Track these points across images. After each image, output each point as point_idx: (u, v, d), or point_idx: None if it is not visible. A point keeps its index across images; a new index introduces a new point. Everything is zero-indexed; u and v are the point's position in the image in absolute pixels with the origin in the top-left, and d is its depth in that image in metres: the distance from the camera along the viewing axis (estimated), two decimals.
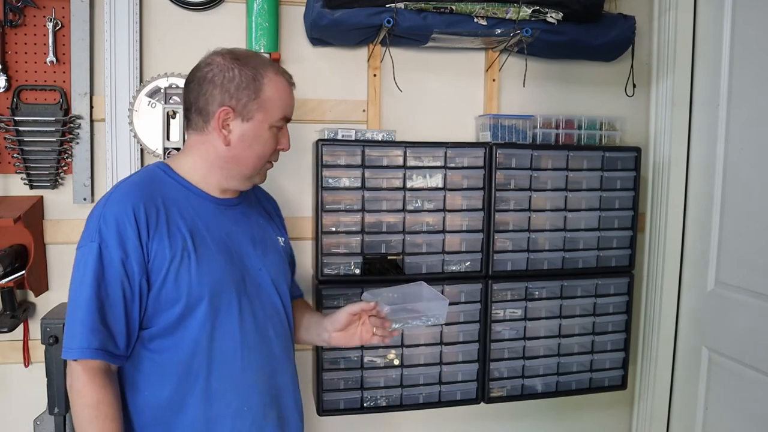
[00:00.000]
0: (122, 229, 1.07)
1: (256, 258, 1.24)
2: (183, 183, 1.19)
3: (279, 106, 1.18)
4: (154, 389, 1.13)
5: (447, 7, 1.74)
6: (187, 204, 1.16)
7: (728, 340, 1.88)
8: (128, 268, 1.07)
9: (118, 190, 1.13)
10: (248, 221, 1.28)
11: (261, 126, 1.17)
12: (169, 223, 1.11)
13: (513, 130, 1.91)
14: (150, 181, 1.16)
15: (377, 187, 1.74)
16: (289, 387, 1.28)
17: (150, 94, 1.72)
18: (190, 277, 1.10)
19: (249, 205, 1.31)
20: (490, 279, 1.84)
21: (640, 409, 2.20)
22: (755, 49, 1.79)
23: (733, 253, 1.87)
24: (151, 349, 1.13)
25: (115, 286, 1.06)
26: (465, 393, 1.87)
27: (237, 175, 1.21)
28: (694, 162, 2.05)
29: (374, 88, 1.89)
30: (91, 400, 1.04)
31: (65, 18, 1.68)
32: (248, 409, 1.17)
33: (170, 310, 1.11)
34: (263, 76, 1.17)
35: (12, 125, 1.65)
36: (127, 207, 1.08)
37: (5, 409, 1.76)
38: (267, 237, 1.31)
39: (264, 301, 1.23)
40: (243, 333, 1.17)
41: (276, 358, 1.24)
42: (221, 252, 1.17)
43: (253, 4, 1.72)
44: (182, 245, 1.11)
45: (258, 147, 1.18)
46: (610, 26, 1.90)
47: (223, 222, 1.21)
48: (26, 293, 1.75)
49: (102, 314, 1.05)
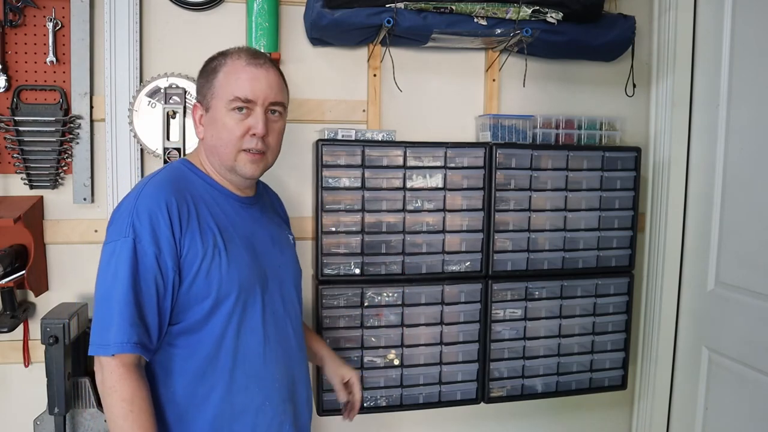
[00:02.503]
0: (155, 224, 1.07)
1: (276, 255, 1.27)
2: (208, 181, 1.21)
3: (230, 86, 1.15)
4: (178, 385, 1.14)
5: (447, 7, 1.74)
6: (213, 201, 1.18)
7: (728, 340, 1.88)
8: (162, 263, 1.07)
9: (150, 186, 1.13)
10: (266, 219, 1.31)
11: (218, 111, 1.16)
12: (200, 220, 1.13)
13: (513, 130, 1.91)
14: (178, 178, 1.18)
15: (377, 187, 1.74)
16: (303, 382, 1.31)
17: (150, 94, 1.72)
18: (221, 273, 1.12)
19: (263, 204, 1.34)
20: (490, 279, 1.84)
21: (640, 409, 2.20)
22: (755, 49, 1.79)
23: (733, 253, 1.87)
24: (177, 345, 1.13)
25: (149, 281, 1.06)
26: (465, 393, 1.87)
27: (220, 167, 1.21)
28: (694, 162, 2.05)
29: (374, 88, 1.89)
30: (126, 395, 1.04)
31: (65, 18, 1.68)
32: (270, 404, 1.19)
33: (199, 306, 1.11)
34: (221, 64, 1.18)
35: (12, 125, 1.65)
36: (160, 202, 1.09)
37: (5, 409, 1.76)
38: (282, 235, 1.35)
39: (284, 297, 1.27)
40: (265, 327, 1.19)
41: (293, 353, 1.27)
42: (247, 249, 1.19)
43: (253, 4, 1.72)
44: (213, 242, 1.13)
45: (221, 132, 1.16)
46: (610, 26, 1.90)
47: (246, 220, 1.23)
48: (26, 293, 1.75)
49: (139, 309, 1.05)
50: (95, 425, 1.65)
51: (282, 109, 1.21)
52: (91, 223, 1.75)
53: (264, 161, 1.20)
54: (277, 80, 1.20)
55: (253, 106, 1.16)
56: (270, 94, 1.16)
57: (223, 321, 1.13)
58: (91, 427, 1.65)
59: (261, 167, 1.20)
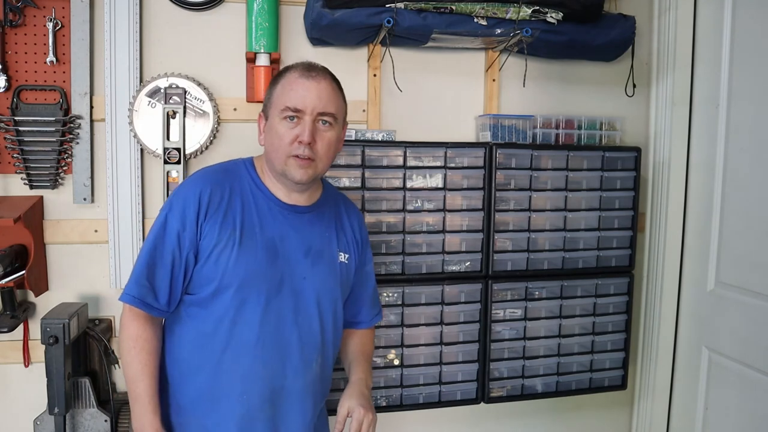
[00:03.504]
0: (186, 207, 1.22)
1: (303, 266, 1.29)
2: (256, 181, 1.30)
3: (284, 97, 1.23)
4: (184, 349, 1.27)
5: (447, 7, 1.74)
6: (251, 199, 1.27)
7: (728, 340, 1.88)
8: (182, 240, 1.21)
9: (199, 172, 1.30)
10: (311, 229, 1.32)
11: (274, 119, 1.25)
12: (228, 210, 1.23)
13: (513, 130, 1.91)
14: (226, 171, 1.30)
15: (377, 187, 1.74)
16: (296, 396, 1.29)
17: (150, 94, 1.72)
18: (228, 264, 1.21)
19: (322, 215, 1.35)
20: (490, 279, 1.84)
21: (640, 409, 2.20)
22: (755, 49, 1.79)
23: (733, 253, 1.87)
24: (189, 313, 1.26)
25: (168, 251, 1.21)
26: (465, 393, 1.87)
27: (272, 171, 1.28)
28: (694, 162, 2.05)
29: (374, 88, 1.89)
30: (132, 333, 1.21)
31: (65, 18, 1.68)
32: (248, 397, 1.24)
33: (206, 287, 1.23)
34: (281, 77, 1.28)
35: (12, 125, 1.65)
36: (196, 189, 1.23)
37: (5, 409, 1.76)
38: (325, 249, 1.33)
39: (299, 308, 1.28)
40: (262, 328, 1.23)
41: (291, 364, 1.27)
42: (267, 251, 1.24)
43: (253, 4, 1.72)
44: (230, 233, 1.22)
45: (273, 139, 1.24)
46: (610, 26, 1.90)
47: (281, 224, 1.28)
48: (26, 293, 1.75)
49: (150, 272, 1.21)
50: (95, 425, 1.65)
51: (332, 120, 1.25)
52: (91, 223, 1.75)
53: (313, 168, 1.24)
54: (329, 92, 1.25)
55: (303, 115, 1.22)
56: (319, 104, 1.22)
57: (221, 308, 1.22)
58: (91, 427, 1.65)
59: (310, 173, 1.24)
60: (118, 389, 1.80)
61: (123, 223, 1.73)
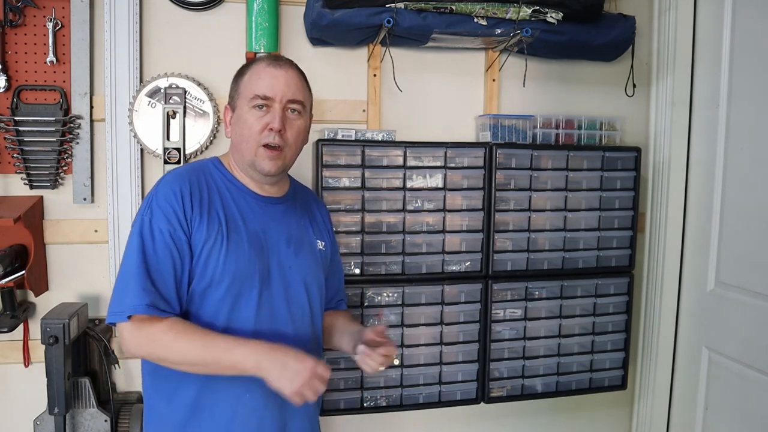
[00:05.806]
0: (171, 206, 1.18)
1: (288, 256, 1.28)
2: (228, 176, 1.28)
3: (252, 86, 1.23)
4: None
5: (447, 7, 1.74)
6: (228, 194, 1.26)
7: (728, 340, 1.88)
8: (176, 237, 1.17)
9: (170, 174, 1.26)
10: (288, 220, 1.32)
11: (242, 109, 1.24)
12: (210, 207, 1.21)
13: (513, 130, 1.91)
14: (198, 169, 1.28)
15: (377, 187, 1.74)
16: None
17: (150, 94, 1.72)
18: (218, 260, 1.19)
19: (294, 205, 1.36)
20: (490, 279, 1.84)
21: (640, 409, 2.20)
22: (755, 49, 1.79)
23: (733, 253, 1.87)
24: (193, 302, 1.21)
25: (164, 254, 1.16)
26: (465, 393, 1.87)
27: (243, 164, 1.26)
28: (694, 162, 2.05)
29: (374, 88, 1.89)
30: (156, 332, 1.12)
31: (65, 18, 1.68)
32: (250, 395, 1.21)
33: (198, 284, 1.20)
34: (247, 68, 1.27)
35: (12, 125, 1.65)
36: (175, 187, 1.20)
37: (5, 409, 1.76)
38: (305, 238, 1.34)
39: (290, 298, 1.27)
40: (258, 323, 1.22)
41: None
42: (252, 244, 1.23)
43: (253, 4, 1.72)
44: (217, 229, 1.20)
45: (243, 128, 1.23)
46: (610, 26, 1.90)
47: (260, 217, 1.27)
48: (26, 293, 1.75)
49: (151, 278, 1.14)
50: (95, 425, 1.65)
51: (301, 107, 1.26)
52: (91, 223, 1.75)
53: (282, 158, 1.24)
54: (296, 80, 1.26)
55: (272, 103, 1.22)
56: (288, 92, 1.23)
57: (215, 303, 1.20)
58: (91, 427, 1.65)
59: (279, 164, 1.24)
60: (118, 389, 1.80)
61: (123, 223, 1.73)
